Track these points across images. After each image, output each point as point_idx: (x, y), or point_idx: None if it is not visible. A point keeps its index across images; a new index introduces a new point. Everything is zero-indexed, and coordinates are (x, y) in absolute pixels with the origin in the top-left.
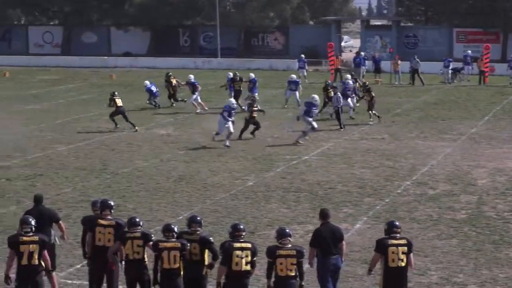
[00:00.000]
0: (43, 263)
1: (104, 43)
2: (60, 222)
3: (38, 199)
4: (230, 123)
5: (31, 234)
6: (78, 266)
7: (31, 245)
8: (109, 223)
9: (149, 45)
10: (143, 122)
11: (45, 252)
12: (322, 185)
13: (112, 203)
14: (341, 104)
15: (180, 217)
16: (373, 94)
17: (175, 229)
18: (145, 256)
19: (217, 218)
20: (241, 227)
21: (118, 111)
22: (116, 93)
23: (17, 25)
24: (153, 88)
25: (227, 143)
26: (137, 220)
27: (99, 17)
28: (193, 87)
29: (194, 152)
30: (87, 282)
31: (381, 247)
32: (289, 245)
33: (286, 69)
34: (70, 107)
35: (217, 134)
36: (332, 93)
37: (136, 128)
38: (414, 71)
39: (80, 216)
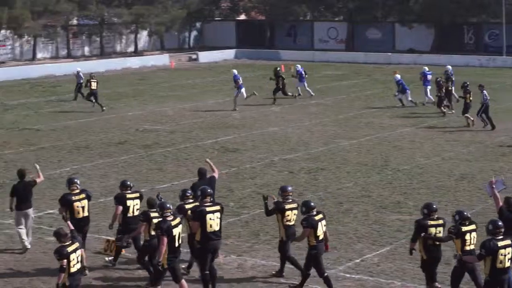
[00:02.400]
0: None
1: (388, 39)
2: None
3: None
4: None
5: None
6: (357, 260)
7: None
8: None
9: (433, 42)
10: (416, 121)
11: None
12: None
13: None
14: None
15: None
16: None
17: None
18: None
19: None
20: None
21: (92, 93)
22: (93, 75)
23: (303, 20)
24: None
25: None
26: None
27: (383, 14)
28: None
29: (476, 151)
30: (367, 277)
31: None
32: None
33: None
34: (353, 102)
35: None
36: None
37: (104, 108)
38: None
39: (361, 211)
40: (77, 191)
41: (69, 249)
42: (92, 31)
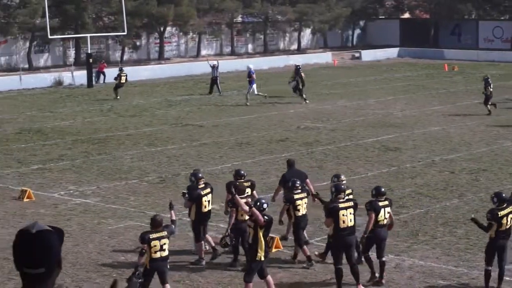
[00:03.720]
0: None
1: None
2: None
3: (292, 163)
4: None
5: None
6: None
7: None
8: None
9: None
10: None
11: None
12: None
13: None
14: None
15: None
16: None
17: None
18: None
19: None
20: None
21: (118, 85)
22: (123, 69)
23: (468, 19)
24: None
25: None
26: None
27: None
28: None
29: None
30: None
31: None
32: None
33: None
34: None
35: None
36: None
37: (119, 97)
38: None
39: None
40: (203, 185)
41: (152, 235)
42: (256, 29)
